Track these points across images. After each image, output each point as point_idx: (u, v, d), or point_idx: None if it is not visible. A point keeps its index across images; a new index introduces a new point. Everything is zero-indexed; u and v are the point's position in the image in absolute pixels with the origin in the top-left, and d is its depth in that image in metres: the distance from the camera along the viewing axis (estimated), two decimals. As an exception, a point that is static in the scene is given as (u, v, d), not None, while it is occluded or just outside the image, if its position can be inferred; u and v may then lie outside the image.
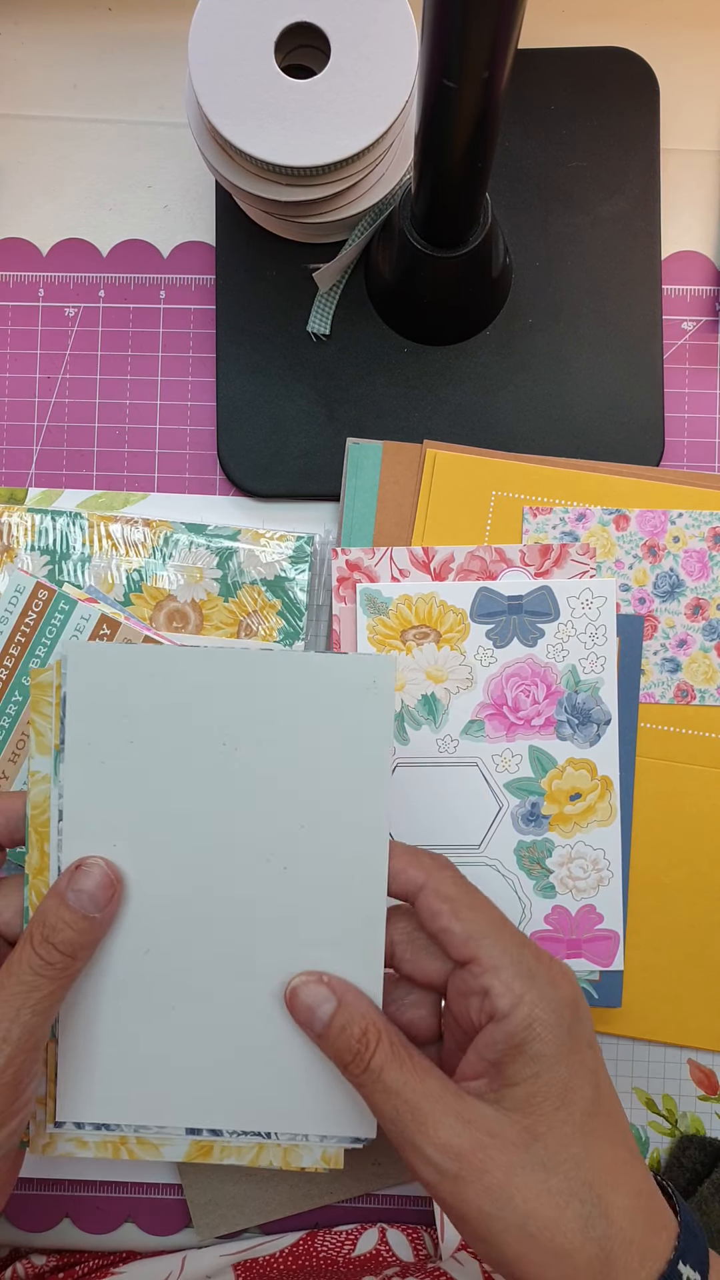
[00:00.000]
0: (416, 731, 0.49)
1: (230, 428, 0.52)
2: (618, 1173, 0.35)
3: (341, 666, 0.40)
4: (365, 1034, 0.36)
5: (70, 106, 0.55)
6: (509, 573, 0.50)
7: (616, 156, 0.52)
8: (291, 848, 0.39)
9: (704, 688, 0.50)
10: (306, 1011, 0.38)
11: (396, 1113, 0.35)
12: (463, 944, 0.36)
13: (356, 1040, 0.36)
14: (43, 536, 0.52)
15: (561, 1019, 0.35)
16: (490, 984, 0.36)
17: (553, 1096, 0.35)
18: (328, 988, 0.38)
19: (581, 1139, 0.34)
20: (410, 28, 0.43)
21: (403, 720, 0.49)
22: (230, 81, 0.43)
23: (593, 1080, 0.36)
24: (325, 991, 0.38)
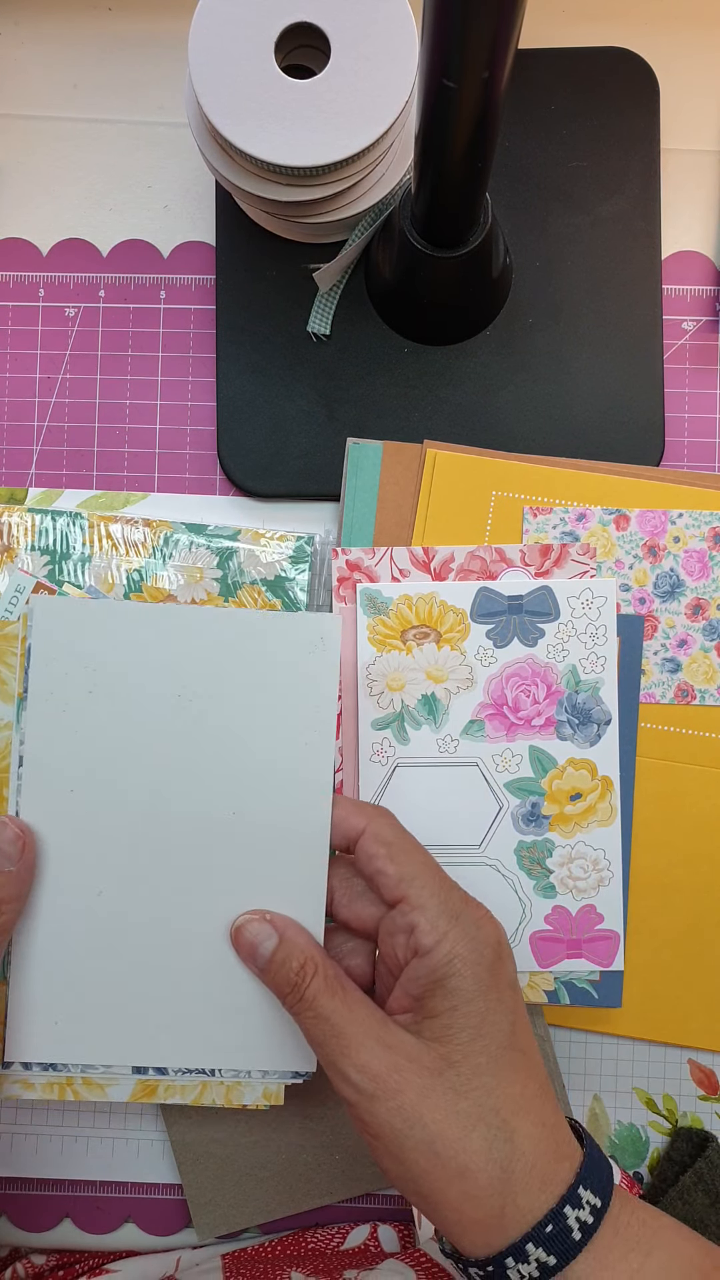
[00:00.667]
0: (417, 731, 0.49)
1: (230, 428, 0.52)
2: (526, 1103, 0.37)
3: (291, 623, 0.43)
4: (304, 966, 0.39)
5: (70, 106, 0.55)
6: (509, 573, 0.50)
7: (616, 156, 0.52)
8: (241, 796, 0.42)
9: (704, 688, 0.50)
10: (249, 947, 0.41)
11: (325, 1036, 0.37)
12: (395, 885, 0.39)
13: (295, 973, 0.39)
14: (43, 536, 0.52)
15: (482, 957, 0.37)
16: (417, 921, 0.38)
17: (469, 1028, 0.37)
18: (270, 924, 0.41)
19: (493, 1069, 0.37)
20: (410, 28, 0.43)
21: (403, 720, 0.49)
22: (230, 81, 0.43)
23: (510, 1018, 0.38)
24: (268, 929, 0.41)
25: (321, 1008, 0.38)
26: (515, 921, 0.48)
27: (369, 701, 0.49)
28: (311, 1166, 0.50)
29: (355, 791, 0.49)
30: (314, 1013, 0.38)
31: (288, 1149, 0.50)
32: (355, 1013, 0.38)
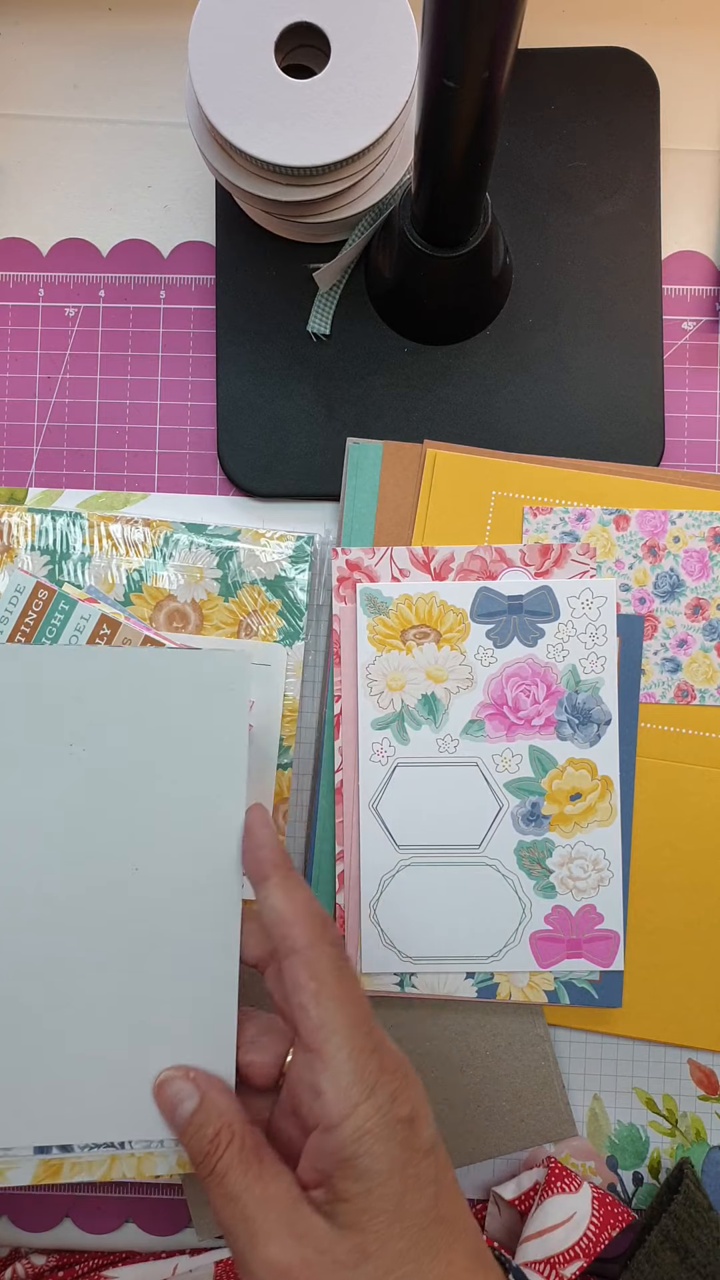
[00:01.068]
0: (416, 731, 0.49)
1: (230, 428, 0.52)
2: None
3: (190, 665, 0.39)
4: (218, 1135, 0.36)
5: (70, 106, 0.55)
6: (509, 573, 0.50)
7: (616, 156, 0.52)
8: (142, 852, 0.38)
9: (704, 688, 0.50)
10: (169, 1105, 0.38)
11: (232, 1222, 0.34)
12: (313, 1031, 0.35)
13: (208, 1141, 0.36)
14: (43, 536, 0.52)
15: (394, 1132, 0.34)
16: (325, 1087, 0.34)
17: (385, 1212, 0.33)
18: (193, 1083, 0.38)
19: (415, 1254, 0.33)
20: (410, 28, 0.43)
21: (403, 720, 0.49)
22: (230, 81, 0.43)
23: (432, 1189, 0.34)
24: (189, 1087, 0.38)
25: (231, 1185, 0.34)
26: (515, 921, 0.48)
27: (369, 701, 0.49)
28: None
29: (355, 793, 0.49)
30: (223, 1190, 0.34)
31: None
32: (269, 1191, 0.34)
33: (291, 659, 0.51)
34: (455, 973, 0.49)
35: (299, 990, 0.35)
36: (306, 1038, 0.35)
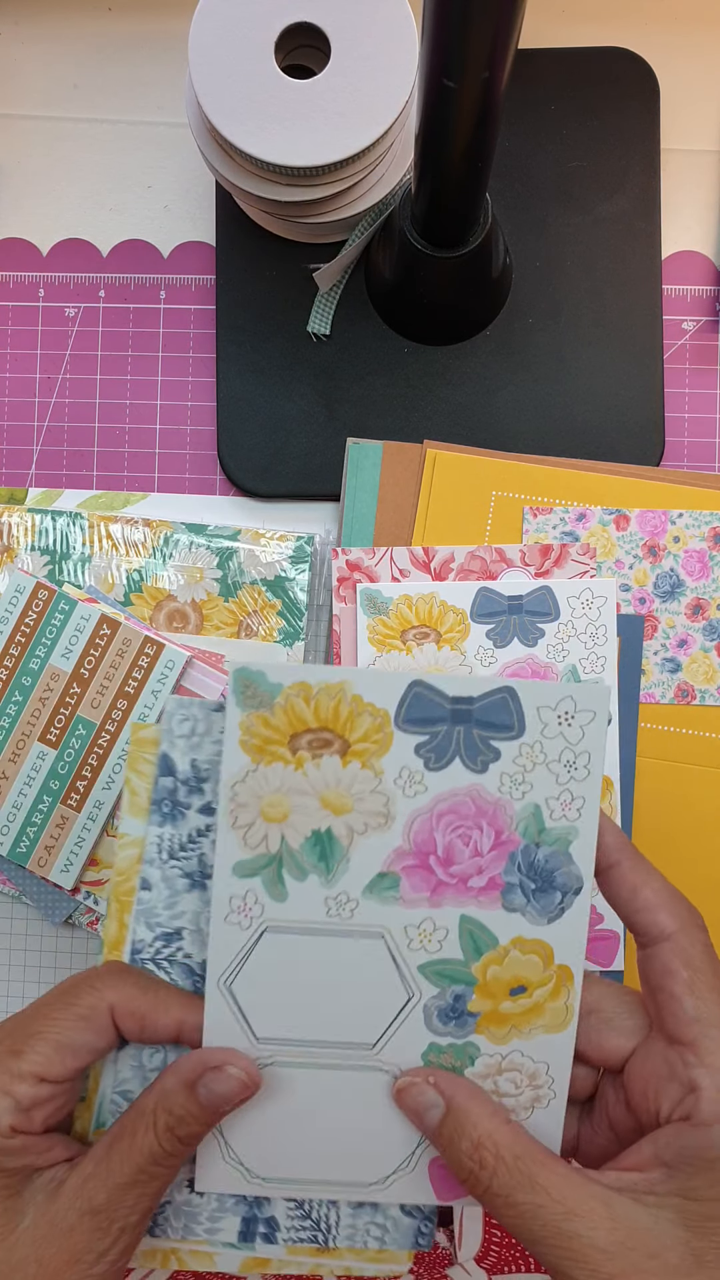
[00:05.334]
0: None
1: (230, 428, 0.52)
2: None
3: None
4: (478, 1150, 0.32)
5: (70, 106, 0.55)
6: (509, 573, 0.50)
7: (617, 156, 0.52)
8: None
9: (704, 688, 0.50)
10: (414, 1115, 0.35)
11: (534, 1241, 0.31)
12: (687, 1023, 0.32)
13: (467, 1156, 0.32)
14: (43, 536, 0.52)
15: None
16: (701, 1081, 0.32)
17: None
18: (435, 1089, 0.34)
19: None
20: (410, 28, 0.43)
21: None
22: (230, 81, 0.43)
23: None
24: (432, 1094, 0.34)
25: (520, 1205, 0.31)
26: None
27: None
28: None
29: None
30: (514, 1212, 0.31)
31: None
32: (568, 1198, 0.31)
33: (291, 659, 0.51)
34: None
35: (671, 978, 0.33)
36: (678, 1029, 0.33)
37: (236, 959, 0.35)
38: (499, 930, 0.35)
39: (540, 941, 0.35)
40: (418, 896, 0.35)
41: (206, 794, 0.37)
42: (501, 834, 0.35)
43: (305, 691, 0.34)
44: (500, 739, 0.35)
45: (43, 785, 0.49)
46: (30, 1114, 0.33)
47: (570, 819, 0.35)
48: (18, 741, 0.49)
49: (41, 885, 0.50)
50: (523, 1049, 0.36)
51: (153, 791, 0.37)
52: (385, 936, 0.35)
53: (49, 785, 0.49)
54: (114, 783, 0.49)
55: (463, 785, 0.35)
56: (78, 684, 0.49)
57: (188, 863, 0.37)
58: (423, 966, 0.35)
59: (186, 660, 0.49)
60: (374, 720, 0.35)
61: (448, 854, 0.35)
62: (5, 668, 0.49)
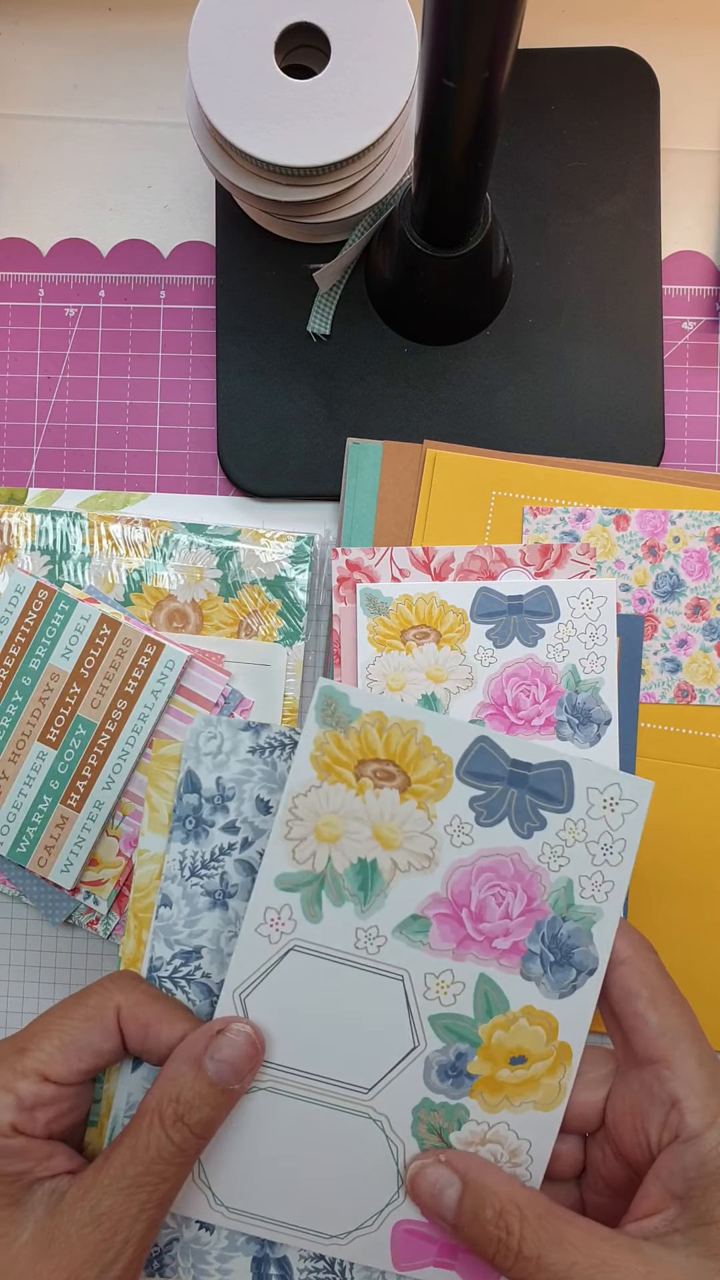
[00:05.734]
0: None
1: (230, 428, 0.52)
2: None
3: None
4: (502, 1215, 0.31)
5: (70, 106, 0.55)
6: (509, 573, 0.50)
7: (617, 156, 0.52)
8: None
9: (704, 688, 0.50)
10: (431, 1199, 0.33)
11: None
12: (655, 1038, 0.33)
13: (493, 1224, 0.31)
14: (43, 536, 0.52)
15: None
16: (681, 1094, 0.31)
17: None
18: (447, 1167, 0.33)
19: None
20: (410, 27, 0.43)
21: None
22: (230, 81, 0.43)
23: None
24: (446, 1172, 0.33)
25: (553, 1268, 0.30)
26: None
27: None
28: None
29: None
30: (548, 1274, 0.30)
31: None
32: (598, 1252, 0.30)
33: (291, 659, 0.51)
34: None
35: (632, 998, 0.34)
36: (648, 1047, 0.33)
37: (258, 972, 0.35)
38: (513, 996, 0.36)
39: (548, 1015, 0.36)
40: (444, 946, 0.35)
41: (230, 812, 0.37)
42: (533, 901, 0.36)
43: (380, 722, 0.35)
44: (549, 809, 0.36)
45: (43, 785, 0.49)
46: (33, 1114, 0.32)
47: (598, 900, 0.36)
48: (18, 741, 0.49)
49: (41, 885, 0.50)
50: (510, 1122, 0.35)
51: (175, 808, 0.37)
52: (405, 980, 0.36)
53: (49, 785, 0.49)
54: (114, 783, 0.49)
55: (508, 846, 0.36)
56: (78, 684, 0.49)
57: (209, 880, 0.37)
58: (433, 1018, 0.36)
59: (186, 660, 0.49)
60: (438, 764, 0.36)
61: (480, 910, 0.36)
62: (5, 668, 0.49)
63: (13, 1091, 0.32)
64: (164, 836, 0.37)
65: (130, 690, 0.49)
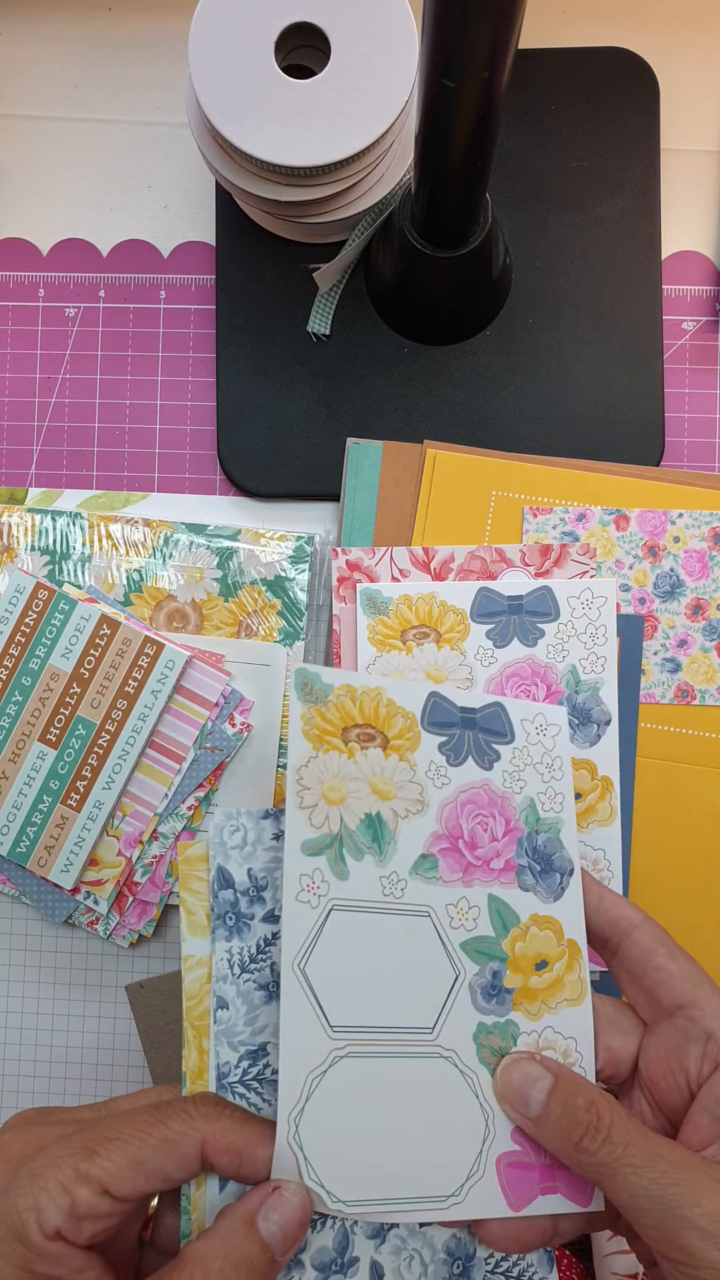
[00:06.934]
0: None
1: (230, 428, 0.52)
2: None
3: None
4: (594, 1104, 0.32)
5: (70, 106, 0.55)
6: (509, 573, 0.50)
7: (616, 156, 0.52)
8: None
9: (704, 688, 0.50)
10: (519, 1092, 0.35)
11: (657, 1187, 0.30)
12: (681, 985, 0.34)
13: (584, 1111, 0.32)
14: (43, 536, 0.52)
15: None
16: (715, 1027, 0.33)
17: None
18: (541, 1065, 0.35)
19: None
20: (410, 28, 0.43)
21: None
22: (230, 81, 0.43)
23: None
24: (539, 1069, 0.35)
25: (638, 1155, 0.30)
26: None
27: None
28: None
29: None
30: (632, 1162, 0.30)
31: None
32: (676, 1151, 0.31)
33: (291, 659, 0.51)
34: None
35: (652, 954, 0.36)
36: (675, 995, 0.35)
37: (309, 939, 0.36)
38: (519, 908, 0.39)
39: (551, 918, 0.39)
40: (454, 877, 0.38)
41: (268, 902, 0.38)
42: (510, 821, 0.40)
43: (351, 693, 0.39)
44: (499, 743, 0.41)
45: (43, 785, 0.49)
46: (80, 1224, 0.30)
47: (556, 811, 0.41)
48: (18, 741, 0.49)
49: (41, 885, 0.50)
50: (554, 1025, 0.38)
51: (212, 906, 0.37)
52: (431, 915, 0.38)
53: (49, 785, 0.49)
54: (114, 783, 0.49)
55: (477, 779, 0.40)
56: (78, 684, 0.49)
57: (260, 974, 0.37)
58: (464, 944, 0.38)
59: (186, 660, 0.49)
60: (405, 721, 0.40)
61: (472, 838, 0.39)
62: (5, 668, 0.49)
63: (70, 1196, 0.30)
64: (206, 939, 0.37)
65: (130, 690, 0.49)
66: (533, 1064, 0.35)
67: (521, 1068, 0.35)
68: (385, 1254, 0.37)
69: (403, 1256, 0.37)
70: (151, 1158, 0.31)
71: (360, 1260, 0.36)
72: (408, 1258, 0.37)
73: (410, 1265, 0.37)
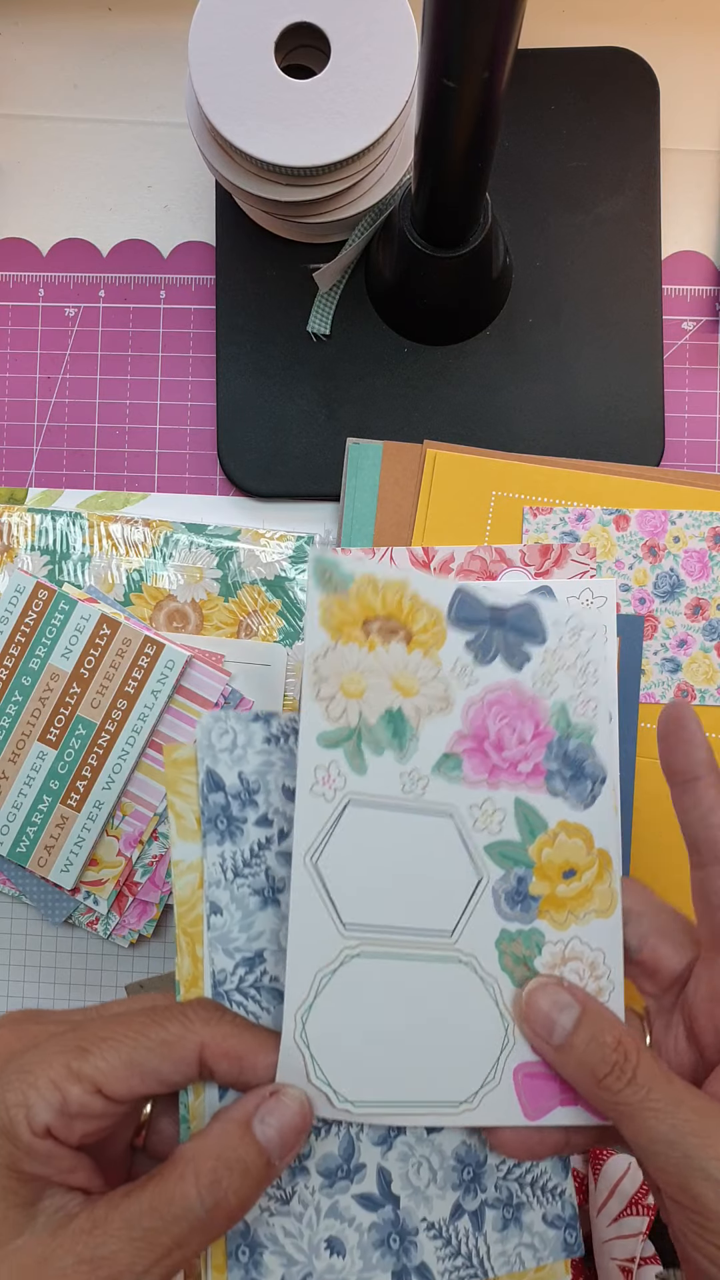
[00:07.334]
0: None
1: (230, 428, 0.52)
2: None
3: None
4: (622, 1042, 0.32)
5: (70, 106, 0.55)
6: (509, 573, 0.49)
7: (616, 156, 0.52)
8: None
9: (704, 688, 0.50)
10: (547, 1018, 0.33)
11: (676, 1134, 0.29)
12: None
13: (612, 1049, 0.31)
14: (43, 536, 0.52)
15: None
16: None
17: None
18: (569, 993, 0.34)
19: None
20: (410, 27, 0.43)
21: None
22: (230, 81, 0.43)
23: None
24: (568, 996, 0.33)
25: (661, 1100, 0.30)
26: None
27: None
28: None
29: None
30: (654, 1106, 0.30)
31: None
32: (702, 1099, 0.30)
33: (291, 659, 0.51)
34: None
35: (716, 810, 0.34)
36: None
37: (322, 833, 0.35)
38: (547, 813, 0.38)
39: (581, 826, 0.38)
40: (478, 778, 0.37)
41: (260, 806, 0.37)
42: (539, 725, 0.38)
43: (373, 583, 0.37)
44: (530, 644, 0.39)
45: (43, 785, 0.49)
46: (71, 1123, 0.29)
47: (589, 717, 0.39)
48: (18, 741, 0.49)
49: (41, 885, 0.50)
50: (580, 935, 0.37)
51: (203, 809, 0.36)
52: (453, 815, 0.37)
53: (49, 785, 0.49)
54: (114, 783, 0.49)
55: (505, 680, 0.38)
56: (77, 684, 0.49)
57: (255, 879, 0.37)
58: (488, 847, 0.37)
59: (186, 660, 0.49)
60: (430, 616, 0.38)
61: (499, 740, 0.38)
62: (5, 667, 0.49)
63: (61, 1092, 0.29)
64: (197, 843, 0.36)
65: (130, 690, 0.49)
66: (561, 990, 0.34)
67: (550, 993, 0.34)
68: (392, 1160, 0.36)
69: (410, 1163, 0.37)
70: (147, 1059, 0.30)
71: (367, 1166, 0.36)
72: (416, 1164, 0.37)
73: (419, 1171, 0.37)
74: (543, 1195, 0.38)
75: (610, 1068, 0.31)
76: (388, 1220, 0.36)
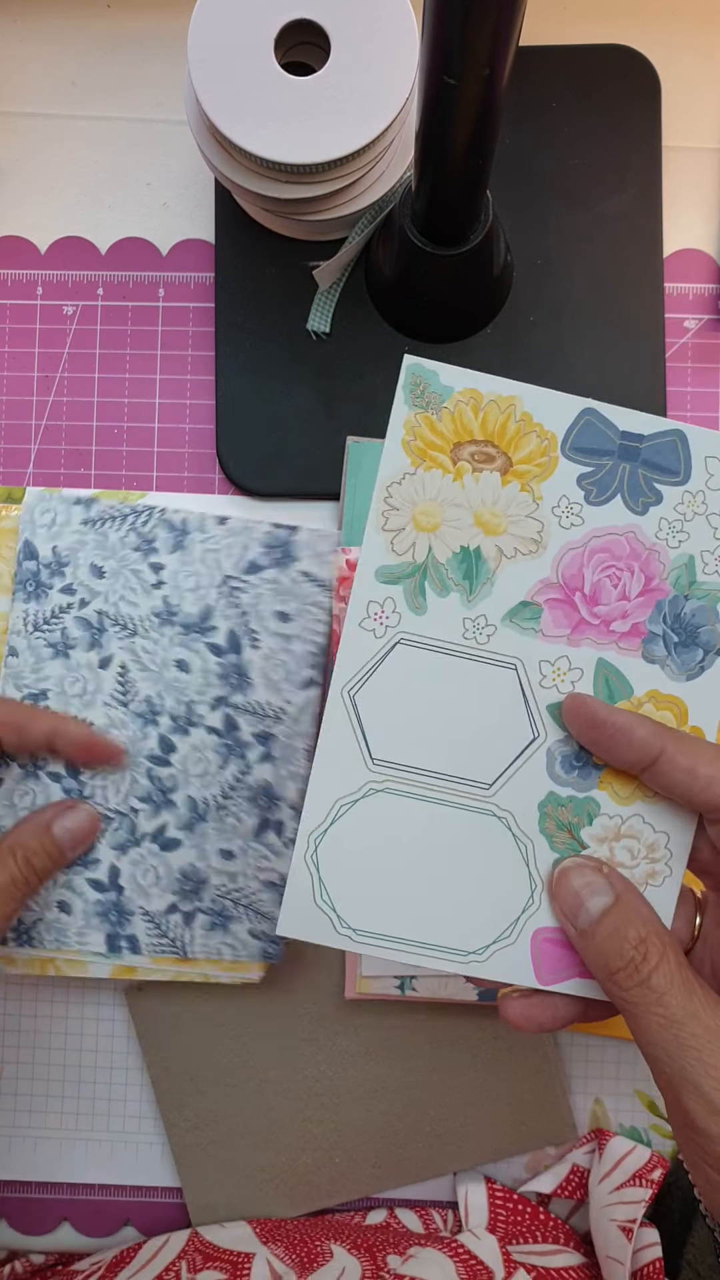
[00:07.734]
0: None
1: (230, 426, 0.52)
2: None
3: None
4: (644, 941, 0.30)
5: (69, 104, 0.54)
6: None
7: (618, 154, 0.52)
8: None
9: None
10: (576, 899, 0.32)
11: (678, 1046, 0.29)
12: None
13: (633, 945, 0.30)
14: (41, 536, 0.51)
15: None
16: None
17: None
18: (605, 878, 0.32)
19: None
20: (411, 24, 0.43)
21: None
22: (230, 79, 0.43)
23: None
24: (602, 881, 0.32)
25: (671, 1008, 0.29)
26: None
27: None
28: (311, 1169, 0.50)
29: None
30: (660, 1012, 0.29)
31: (287, 1151, 0.50)
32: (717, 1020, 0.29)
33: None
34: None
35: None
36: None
37: (365, 669, 0.34)
38: (635, 680, 0.34)
39: (676, 699, 0.34)
40: (558, 633, 0.34)
41: (67, 576, 0.46)
42: (652, 581, 0.34)
43: (475, 400, 0.33)
44: (664, 482, 0.34)
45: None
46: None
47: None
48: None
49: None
50: (644, 814, 0.34)
51: (16, 573, 0.45)
52: (518, 668, 0.34)
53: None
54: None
55: (621, 524, 0.34)
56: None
57: (51, 634, 0.46)
58: (552, 706, 0.34)
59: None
60: (541, 443, 0.33)
61: (595, 593, 0.34)
62: None
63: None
64: (8, 598, 0.45)
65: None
66: (598, 875, 0.32)
67: (585, 875, 0.32)
68: (125, 862, 0.46)
69: (140, 868, 0.45)
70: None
71: (101, 861, 0.46)
72: (145, 870, 0.45)
73: (145, 875, 0.45)
74: (253, 915, 0.45)
75: (625, 963, 0.30)
76: (111, 902, 0.45)
